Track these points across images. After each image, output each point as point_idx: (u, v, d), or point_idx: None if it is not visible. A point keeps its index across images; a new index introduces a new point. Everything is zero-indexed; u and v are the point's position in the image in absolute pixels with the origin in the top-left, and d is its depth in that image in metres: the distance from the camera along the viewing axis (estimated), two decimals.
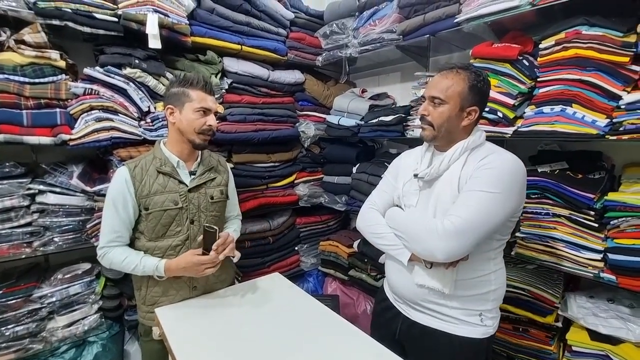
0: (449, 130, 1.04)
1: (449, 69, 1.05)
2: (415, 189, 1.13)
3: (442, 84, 1.03)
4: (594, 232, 1.26)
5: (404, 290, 1.13)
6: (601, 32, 1.18)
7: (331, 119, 2.27)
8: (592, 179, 1.33)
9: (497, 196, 0.94)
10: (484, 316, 1.05)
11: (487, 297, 1.05)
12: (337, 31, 2.20)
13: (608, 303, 1.34)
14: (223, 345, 1.03)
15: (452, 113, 1.02)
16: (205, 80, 1.24)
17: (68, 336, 1.56)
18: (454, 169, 1.04)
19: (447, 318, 1.06)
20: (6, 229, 1.44)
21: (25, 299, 1.48)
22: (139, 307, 1.33)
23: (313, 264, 2.48)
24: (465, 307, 1.04)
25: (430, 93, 1.05)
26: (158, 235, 1.24)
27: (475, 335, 1.04)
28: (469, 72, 1.03)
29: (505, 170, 0.97)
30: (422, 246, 1.00)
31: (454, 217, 0.95)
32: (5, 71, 1.39)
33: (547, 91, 1.32)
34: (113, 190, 1.19)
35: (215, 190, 1.35)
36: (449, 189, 1.02)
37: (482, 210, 0.94)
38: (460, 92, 1.02)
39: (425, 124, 1.06)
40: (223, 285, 1.40)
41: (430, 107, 1.05)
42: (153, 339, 1.25)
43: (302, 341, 1.05)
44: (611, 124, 1.17)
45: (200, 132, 1.23)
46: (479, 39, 1.63)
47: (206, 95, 1.24)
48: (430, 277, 1.04)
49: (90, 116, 1.52)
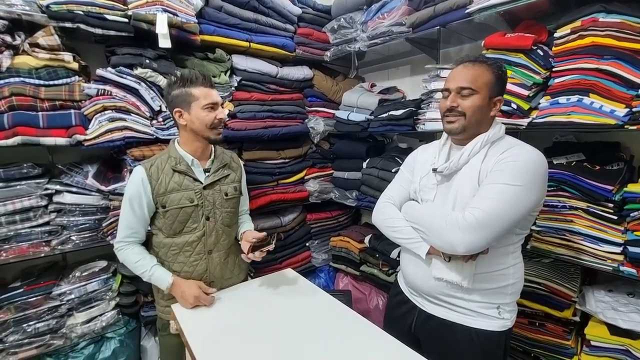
0: (478, 120, 1.03)
1: (471, 61, 1.04)
2: (433, 184, 1.11)
3: (470, 74, 1.01)
4: (613, 225, 1.23)
5: (421, 283, 1.12)
6: (619, 19, 1.14)
7: (340, 115, 2.26)
8: (610, 170, 1.29)
9: (519, 189, 0.93)
10: (502, 309, 1.04)
11: (506, 290, 1.04)
12: (345, 25, 2.18)
13: (628, 297, 1.31)
14: (238, 339, 1.04)
15: (484, 102, 1.01)
16: (202, 74, 1.24)
17: (87, 332, 1.60)
18: (474, 162, 1.02)
19: (465, 311, 1.05)
20: (25, 228, 1.48)
21: (46, 296, 1.52)
22: (157, 302, 1.37)
23: (324, 259, 2.49)
24: (484, 301, 1.03)
25: (458, 84, 1.02)
26: (175, 232, 1.27)
27: (493, 328, 1.03)
28: (490, 63, 1.03)
29: (528, 163, 0.95)
30: (443, 239, 0.98)
31: (476, 209, 0.93)
32: (21, 74, 1.42)
33: (562, 81, 1.28)
34: (130, 189, 1.23)
35: (230, 187, 1.36)
36: (469, 182, 1.01)
37: (504, 203, 0.92)
38: (488, 82, 1.01)
39: (456, 115, 1.03)
40: (237, 281, 1.42)
41: (458, 99, 1.03)
42: (170, 333, 1.28)
43: (318, 336, 1.05)
44: (630, 113, 1.13)
45: (212, 127, 1.24)
46: (491, 29, 1.59)
47: (209, 90, 1.24)
48: (449, 270, 1.03)
49: (104, 116, 1.55)
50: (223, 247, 1.36)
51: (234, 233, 1.43)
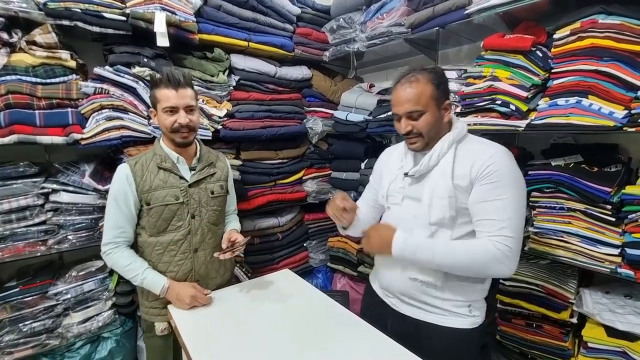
0: (437, 132, 1.06)
1: (406, 78, 1.04)
2: (401, 187, 1.14)
3: (412, 94, 1.02)
4: (611, 227, 1.23)
5: (396, 284, 1.15)
6: (619, 21, 1.14)
7: (339, 115, 2.26)
8: (608, 172, 1.29)
9: (517, 193, 0.98)
10: (473, 307, 1.08)
11: (475, 287, 1.07)
12: (344, 26, 2.18)
13: (625, 299, 1.31)
14: (235, 340, 1.03)
15: (435, 116, 1.03)
16: (169, 75, 1.19)
17: (83, 332, 1.59)
18: (444, 162, 1.05)
19: (438, 310, 1.08)
20: (22, 227, 1.47)
21: (42, 295, 1.51)
22: (141, 303, 1.35)
23: (322, 260, 2.49)
24: (455, 299, 1.06)
25: (404, 109, 1.04)
26: (160, 230, 1.26)
27: (465, 326, 1.07)
28: (426, 72, 1.03)
29: (506, 163, 1.00)
30: (490, 273, 1.03)
31: (502, 236, 0.96)
32: (17, 72, 1.41)
33: (561, 83, 1.28)
34: (114, 187, 1.22)
35: (216, 185, 1.36)
36: (443, 182, 1.03)
37: (517, 214, 0.98)
38: (431, 95, 1.02)
39: (414, 136, 1.06)
40: (222, 281, 1.42)
41: (411, 122, 1.04)
42: (156, 335, 1.27)
43: (315, 336, 1.05)
44: (629, 115, 1.13)
45: (172, 130, 1.22)
46: (490, 30, 1.59)
47: (170, 92, 1.19)
48: (423, 271, 1.06)
49: (101, 115, 1.54)
50: (209, 245, 1.35)
51: (220, 232, 1.42)
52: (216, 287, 1.37)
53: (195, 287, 1.24)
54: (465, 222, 1.04)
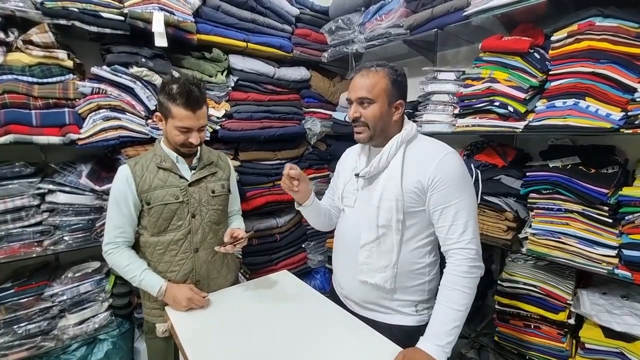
0: (383, 127, 1.08)
1: (367, 68, 1.06)
2: (354, 189, 1.16)
3: (366, 83, 1.04)
4: (608, 228, 1.24)
5: (350, 287, 1.19)
6: (615, 24, 1.15)
7: (337, 116, 2.26)
8: (606, 173, 1.30)
9: (468, 192, 1.03)
10: (420, 307, 1.12)
11: (423, 287, 1.11)
12: (342, 27, 2.18)
13: (622, 300, 1.31)
14: (233, 341, 1.03)
15: (383, 110, 1.05)
16: (188, 93, 1.13)
17: (79, 334, 1.58)
18: (394, 163, 1.07)
19: (387, 310, 1.13)
20: (17, 228, 1.46)
21: (37, 297, 1.50)
22: (143, 304, 1.35)
23: (320, 261, 2.48)
24: (404, 299, 1.11)
25: (357, 95, 1.06)
26: (160, 230, 1.25)
27: (411, 324, 1.11)
28: (387, 68, 1.06)
29: (455, 167, 1.03)
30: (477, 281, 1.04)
31: (467, 241, 1.00)
32: (14, 71, 1.40)
33: (559, 84, 1.29)
34: (115, 188, 1.22)
35: (217, 185, 1.35)
36: (393, 183, 1.06)
37: (473, 215, 1.02)
38: (385, 88, 1.04)
39: (361, 125, 1.08)
40: (225, 282, 1.41)
41: (360, 109, 1.07)
42: (157, 336, 1.26)
43: (313, 338, 1.04)
44: (626, 117, 1.14)
45: (181, 146, 1.22)
46: (488, 32, 1.60)
47: (187, 113, 1.15)
48: (373, 273, 1.09)
49: (98, 115, 1.53)
50: (210, 245, 1.34)
51: (222, 232, 1.40)
52: (218, 287, 1.36)
53: (192, 289, 1.24)
54: (413, 224, 1.07)
